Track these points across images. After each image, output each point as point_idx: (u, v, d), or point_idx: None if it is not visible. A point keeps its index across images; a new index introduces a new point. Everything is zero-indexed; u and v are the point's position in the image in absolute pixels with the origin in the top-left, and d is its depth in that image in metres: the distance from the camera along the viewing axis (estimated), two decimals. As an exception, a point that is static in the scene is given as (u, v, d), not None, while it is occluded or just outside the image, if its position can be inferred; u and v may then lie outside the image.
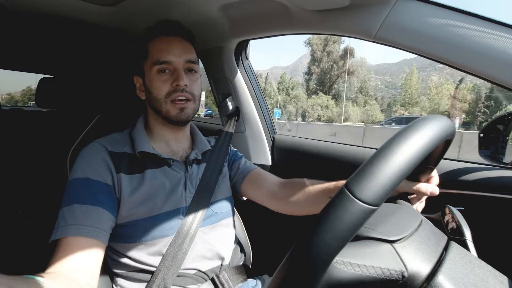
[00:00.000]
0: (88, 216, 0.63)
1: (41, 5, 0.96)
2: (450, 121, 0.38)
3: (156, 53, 0.74)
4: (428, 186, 0.59)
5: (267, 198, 0.86)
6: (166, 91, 0.73)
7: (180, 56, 0.74)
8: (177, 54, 0.74)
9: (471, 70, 0.61)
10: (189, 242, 0.72)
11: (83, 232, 0.61)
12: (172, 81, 0.73)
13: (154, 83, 0.74)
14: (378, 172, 0.31)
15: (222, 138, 0.95)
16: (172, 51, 0.73)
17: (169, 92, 0.73)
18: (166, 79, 0.73)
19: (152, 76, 0.74)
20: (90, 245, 0.61)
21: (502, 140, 0.79)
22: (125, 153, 0.74)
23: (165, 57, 0.73)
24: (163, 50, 0.73)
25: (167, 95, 0.73)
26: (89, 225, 0.62)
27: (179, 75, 0.73)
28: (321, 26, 0.85)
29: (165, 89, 0.73)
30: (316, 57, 40.10)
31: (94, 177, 0.68)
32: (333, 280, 0.33)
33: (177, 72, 0.73)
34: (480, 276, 0.36)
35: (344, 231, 0.29)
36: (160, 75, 0.73)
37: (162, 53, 0.73)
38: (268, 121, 1.31)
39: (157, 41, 0.75)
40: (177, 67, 0.74)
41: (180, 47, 0.75)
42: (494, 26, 0.59)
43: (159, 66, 0.73)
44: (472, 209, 0.68)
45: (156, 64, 0.73)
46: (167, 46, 0.74)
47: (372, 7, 0.71)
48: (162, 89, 0.73)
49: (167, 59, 0.73)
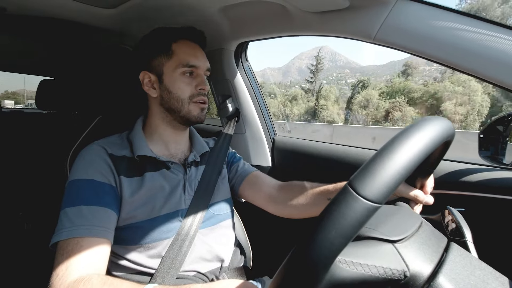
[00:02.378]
0: (97, 217, 0.64)
1: (42, 7, 0.97)
2: (450, 123, 0.38)
3: (184, 55, 0.76)
4: (425, 196, 0.61)
5: (266, 201, 0.86)
6: (190, 93, 0.77)
7: (204, 62, 0.80)
8: (202, 60, 0.79)
9: (470, 71, 0.61)
10: (188, 244, 0.72)
11: (94, 232, 0.62)
12: (196, 84, 0.77)
13: (177, 83, 0.76)
14: (381, 170, 0.31)
15: (221, 140, 0.95)
16: (198, 57, 0.78)
17: (193, 95, 0.77)
18: (189, 82, 0.77)
19: (176, 76, 0.76)
20: (103, 245, 0.62)
21: (502, 141, 0.79)
22: (124, 157, 0.74)
23: (194, 62, 0.77)
24: (191, 54, 0.77)
25: (191, 96, 0.77)
26: (100, 226, 0.63)
27: (203, 80, 0.79)
28: (320, 28, 0.85)
29: (189, 91, 0.76)
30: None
31: (99, 178, 0.68)
32: (336, 279, 0.32)
33: (201, 77, 0.79)
34: (480, 277, 0.36)
35: (347, 228, 0.29)
36: (185, 77, 0.77)
37: (191, 56, 0.77)
38: (268, 122, 1.31)
39: (183, 43, 0.78)
40: (201, 73, 0.79)
41: (203, 54, 0.81)
42: (493, 27, 0.59)
43: (186, 69, 0.76)
44: (472, 210, 0.68)
45: (185, 66, 0.76)
46: (194, 51, 0.79)
47: (371, 9, 0.71)
48: (186, 91, 0.76)
49: (195, 64, 0.77)
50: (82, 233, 0.61)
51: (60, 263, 0.58)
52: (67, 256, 0.58)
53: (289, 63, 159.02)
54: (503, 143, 0.78)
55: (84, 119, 1.01)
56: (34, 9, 0.98)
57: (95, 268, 0.59)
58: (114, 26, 1.12)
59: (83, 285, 0.54)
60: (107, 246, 0.63)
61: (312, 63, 45.33)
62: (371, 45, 0.97)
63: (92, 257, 0.60)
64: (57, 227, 0.63)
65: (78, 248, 0.59)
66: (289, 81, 48.75)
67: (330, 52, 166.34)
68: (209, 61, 0.78)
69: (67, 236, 0.60)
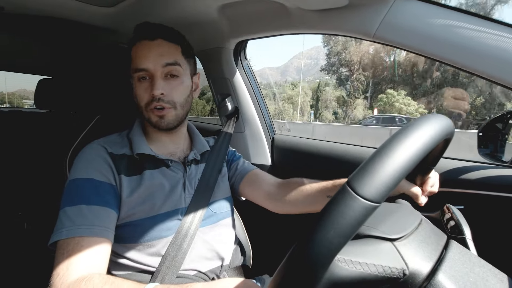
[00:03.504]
0: (97, 216, 0.63)
1: (40, 6, 0.96)
2: (449, 120, 0.38)
3: (135, 59, 0.72)
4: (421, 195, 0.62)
5: (265, 199, 0.86)
6: (146, 100, 0.72)
7: (157, 61, 0.70)
8: (154, 59, 0.70)
9: (469, 69, 0.61)
10: (188, 242, 0.72)
11: (95, 232, 0.62)
12: (151, 89, 0.71)
13: (136, 91, 0.73)
14: (380, 169, 0.31)
15: (221, 138, 0.95)
16: (149, 57, 0.70)
17: (148, 101, 0.72)
18: (146, 87, 0.72)
19: (135, 83, 0.73)
20: (103, 245, 0.62)
21: (501, 139, 0.79)
22: (124, 155, 0.73)
23: (142, 64, 0.70)
24: (141, 56, 0.71)
25: (147, 104, 0.72)
26: (100, 225, 0.63)
27: (154, 84, 0.70)
28: (320, 26, 0.85)
29: (145, 98, 0.72)
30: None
31: (99, 177, 0.68)
32: (335, 278, 0.33)
33: (153, 79, 0.71)
34: (480, 274, 0.36)
35: (346, 228, 0.29)
36: (140, 82, 0.72)
37: (140, 59, 0.71)
38: (268, 121, 1.31)
39: (137, 46, 0.72)
40: (154, 74, 0.70)
41: (158, 51, 0.71)
42: (492, 25, 0.59)
43: (137, 74, 0.71)
44: (471, 208, 0.68)
45: (136, 72, 0.71)
46: (144, 52, 0.71)
47: (370, 7, 0.71)
48: (143, 98, 0.72)
49: (143, 66, 0.70)
50: (82, 232, 0.61)
51: (61, 262, 0.58)
52: (68, 256, 0.58)
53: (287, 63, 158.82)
54: (502, 141, 0.78)
55: (83, 119, 1.01)
56: (32, 8, 0.98)
57: (96, 267, 0.59)
58: (112, 24, 1.12)
59: (84, 284, 0.54)
60: (108, 246, 0.63)
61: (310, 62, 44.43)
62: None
63: (93, 256, 0.60)
64: (57, 226, 0.62)
65: (79, 248, 0.59)
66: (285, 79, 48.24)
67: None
68: (208, 60, 0.78)
69: (67, 235, 0.60)
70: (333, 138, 1.16)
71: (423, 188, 0.62)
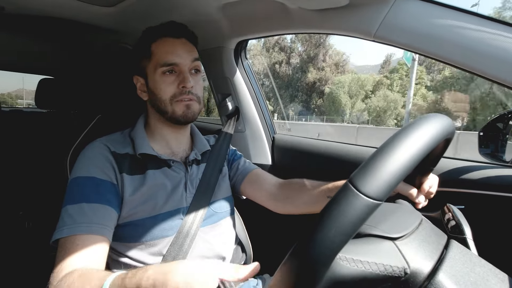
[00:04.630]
0: (97, 215, 0.64)
1: (40, 6, 0.96)
2: (450, 120, 0.38)
3: (162, 54, 0.73)
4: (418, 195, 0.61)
5: (266, 199, 0.86)
6: (172, 92, 0.73)
7: (186, 57, 0.74)
8: (183, 55, 0.74)
9: (470, 69, 0.61)
10: (189, 242, 0.72)
11: (93, 230, 0.62)
12: (178, 82, 0.73)
13: (159, 84, 0.73)
14: (382, 167, 0.31)
15: (222, 138, 0.95)
16: (178, 52, 0.73)
17: (175, 94, 0.73)
18: (172, 81, 0.73)
19: (157, 77, 0.73)
20: (101, 243, 0.62)
21: (502, 139, 0.79)
22: (127, 154, 0.74)
23: (172, 59, 0.73)
24: (169, 52, 0.73)
25: (173, 96, 0.73)
26: (99, 223, 0.63)
27: (185, 77, 0.73)
28: (320, 26, 0.85)
29: (171, 91, 0.73)
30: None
31: (100, 176, 0.68)
32: (336, 276, 0.33)
33: (183, 74, 0.73)
34: (480, 274, 0.36)
35: (347, 226, 0.29)
36: (165, 76, 0.73)
37: (168, 54, 0.73)
38: (268, 120, 1.31)
39: (161, 42, 0.74)
40: (183, 69, 0.74)
41: (185, 48, 0.75)
42: (493, 24, 0.59)
43: (165, 68, 0.73)
44: (472, 208, 0.68)
45: (163, 66, 0.72)
46: (173, 48, 0.74)
47: (371, 6, 0.71)
48: (168, 91, 0.73)
49: (173, 61, 0.73)
50: (82, 230, 0.61)
51: (59, 260, 0.58)
52: (64, 254, 0.58)
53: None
54: (503, 141, 0.78)
55: (84, 118, 1.01)
56: (33, 8, 0.98)
57: (92, 265, 0.59)
58: (113, 24, 1.12)
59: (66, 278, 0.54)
60: (105, 243, 0.63)
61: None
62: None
63: (89, 254, 0.60)
64: (58, 224, 0.63)
65: (75, 246, 0.59)
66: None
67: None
68: (209, 59, 0.78)
69: (68, 233, 0.60)
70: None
71: (421, 189, 0.61)
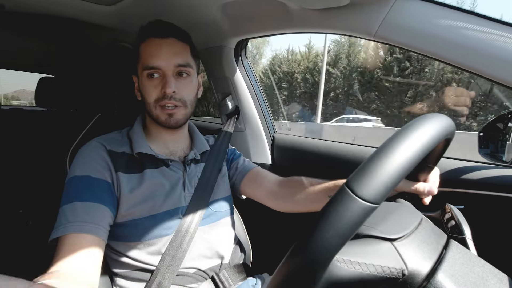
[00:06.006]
0: (89, 213, 0.63)
1: (40, 4, 0.96)
2: (450, 120, 0.38)
3: (146, 57, 0.72)
4: (426, 185, 0.59)
5: (266, 197, 0.86)
6: (155, 96, 0.72)
7: (170, 60, 0.71)
8: (166, 58, 0.71)
9: (470, 69, 0.61)
10: (188, 241, 0.72)
11: (85, 229, 0.61)
12: (161, 87, 0.71)
13: (144, 87, 0.73)
14: (379, 170, 0.31)
15: (221, 137, 0.95)
16: (161, 55, 0.71)
17: (158, 98, 0.72)
18: (156, 84, 0.72)
19: (143, 80, 0.73)
20: (92, 242, 0.61)
21: (501, 139, 0.78)
22: (124, 153, 0.74)
23: (154, 62, 0.70)
24: (153, 55, 0.71)
25: (156, 100, 0.72)
26: (90, 222, 0.62)
27: (166, 82, 0.70)
28: (320, 25, 0.85)
29: (155, 95, 0.72)
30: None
31: (94, 174, 0.68)
32: (334, 278, 0.33)
33: (165, 78, 0.71)
34: (480, 274, 0.36)
35: (344, 229, 0.29)
36: (150, 79, 0.72)
37: (151, 57, 0.71)
38: (268, 120, 1.31)
39: (147, 44, 0.73)
40: (166, 72, 0.71)
41: (170, 50, 0.72)
42: (493, 24, 0.59)
43: (148, 71, 0.71)
44: (472, 208, 0.68)
45: (146, 69, 0.71)
46: (156, 50, 0.71)
47: (371, 6, 0.71)
48: (152, 95, 0.72)
49: (155, 65, 0.70)
50: (73, 229, 0.60)
51: (53, 259, 0.57)
52: (58, 253, 0.58)
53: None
54: (503, 141, 0.78)
55: (84, 117, 1.01)
56: (33, 6, 0.98)
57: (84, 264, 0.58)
58: (113, 23, 1.12)
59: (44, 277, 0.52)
60: (97, 243, 0.62)
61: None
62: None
63: (80, 253, 0.58)
64: (55, 224, 0.63)
65: (67, 245, 0.58)
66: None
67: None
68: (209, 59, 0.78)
69: (62, 232, 0.60)
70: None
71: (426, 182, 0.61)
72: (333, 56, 16.55)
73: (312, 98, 16.45)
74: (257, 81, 1.30)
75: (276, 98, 12.88)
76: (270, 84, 15.74)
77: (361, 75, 15.32)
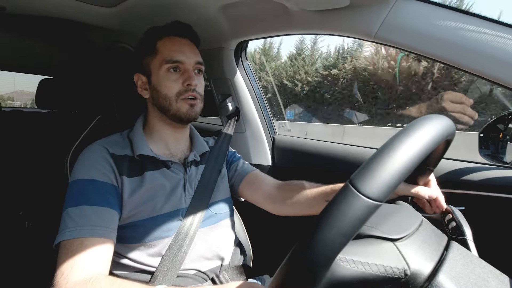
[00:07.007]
0: (100, 217, 0.64)
1: (41, 6, 0.97)
2: (450, 121, 0.38)
3: (168, 51, 0.75)
4: (427, 189, 0.60)
5: (264, 200, 0.86)
6: (177, 89, 0.74)
7: (191, 57, 0.76)
8: (189, 55, 0.76)
9: (470, 70, 0.61)
10: (188, 242, 0.72)
11: (98, 232, 0.62)
12: (183, 80, 0.74)
13: (163, 81, 0.75)
14: (382, 168, 0.31)
15: (221, 139, 0.95)
16: (184, 51, 0.76)
17: (180, 91, 0.74)
18: (176, 78, 0.75)
19: (162, 74, 0.75)
20: (106, 245, 0.62)
21: (502, 140, 0.78)
22: (126, 156, 0.74)
23: (178, 56, 0.74)
24: (176, 50, 0.75)
25: (178, 93, 0.74)
26: (103, 226, 0.63)
27: (191, 75, 0.74)
28: (320, 27, 0.85)
29: (176, 88, 0.74)
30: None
31: (101, 178, 0.68)
32: (336, 277, 0.32)
33: (188, 72, 0.75)
34: (481, 275, 0.36)
35: (348, 227, 0.29)
36: (170, 74, 0.74)
37: (174, 52, 0.74)
38: (268, 121, 1.31)
39: (167, 40, 0.76)
40: (188, 67, 0.75)
41: (190, 49, 0.78)
42: (493, 25, 0.59)
43: (170, 65, 0.74)
44: (472, 209, 0.68)
45: (168, 63, 0.74)
46: (179, 46, 0.76)
47: (371, 7, 0.71)
48: (173, 88, 0.74)
49: (179, 59, 0.74)
50: (86, 233, 0.61)
51: (64, 262, 0.58)
52: (72, 256, 0.58)
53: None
54: (503, 142, 0.78)
55: (84, 118, 1.01)
56: (34, 8, 0.98)
57: (99, 268, 0.59)
58: (114, 25, 1.12)
59: (91, 285, 0.54)
60: (111, 246, 0.63)
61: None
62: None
63: (96, 257, 0.60)
64: (60, 227, 0.63)
65: (82, 248, 0.59)
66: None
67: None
68: (209, 60, 0.79)
69: (70, 236, 0.60)
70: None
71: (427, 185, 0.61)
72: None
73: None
74: (257, 83, 1.31)
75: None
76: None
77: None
